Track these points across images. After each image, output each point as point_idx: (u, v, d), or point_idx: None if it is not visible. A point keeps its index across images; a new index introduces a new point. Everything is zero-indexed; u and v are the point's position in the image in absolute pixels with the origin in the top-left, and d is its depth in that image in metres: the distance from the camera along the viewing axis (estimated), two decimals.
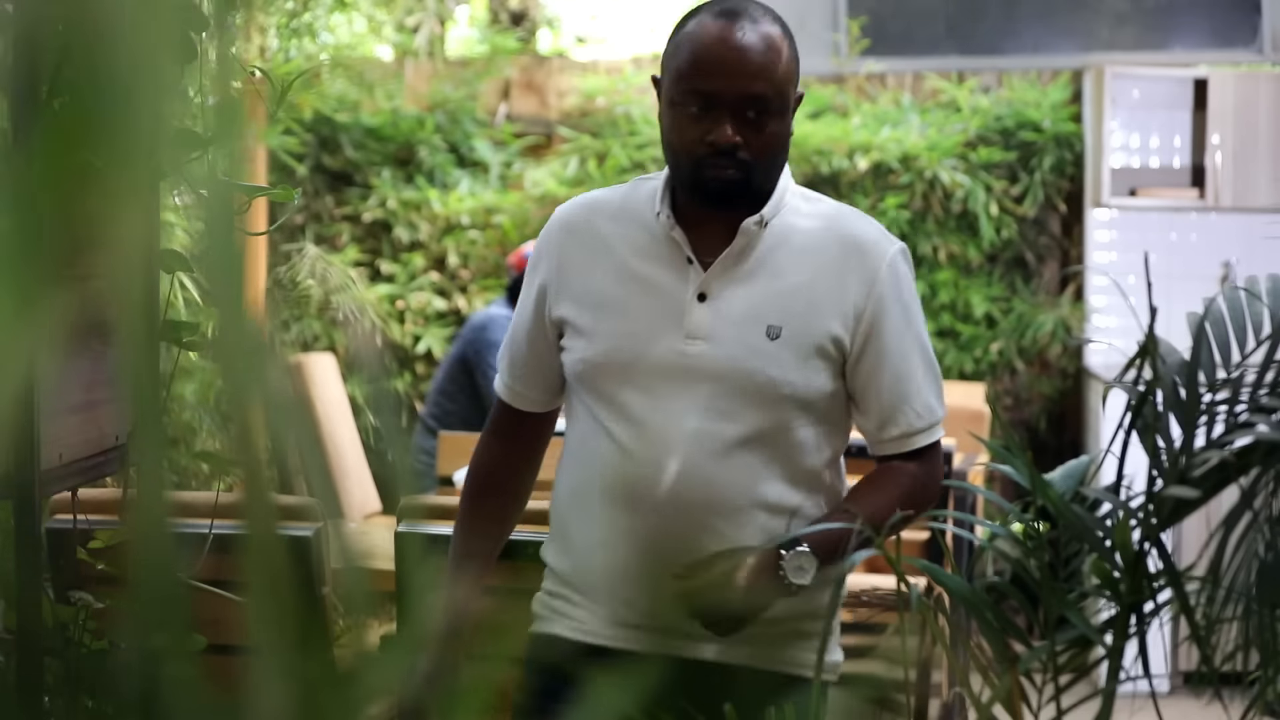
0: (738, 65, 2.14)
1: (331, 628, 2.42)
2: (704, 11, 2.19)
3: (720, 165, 2.16)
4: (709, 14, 2.18)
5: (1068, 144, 6.13)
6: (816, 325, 2.20)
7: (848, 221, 2.27)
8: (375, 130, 6.27)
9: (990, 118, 6.18)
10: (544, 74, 6.55)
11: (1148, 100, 5.98)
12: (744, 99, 2.15)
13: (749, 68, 2.15)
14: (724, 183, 2.17)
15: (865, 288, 2.22)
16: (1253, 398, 1.82)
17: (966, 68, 6.26)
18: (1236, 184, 5.86)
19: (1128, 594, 1.80)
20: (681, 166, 2.18)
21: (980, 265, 6.17)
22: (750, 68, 2.14)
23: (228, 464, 2.00)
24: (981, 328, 6.12)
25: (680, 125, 2.17)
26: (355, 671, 0.66)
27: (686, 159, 2.17)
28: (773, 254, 2.22)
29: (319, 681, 0.64)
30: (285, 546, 0.65)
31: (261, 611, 0.63)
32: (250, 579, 0.63)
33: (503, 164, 6.37)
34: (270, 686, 0.63)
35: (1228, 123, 5.84)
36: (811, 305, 2.21)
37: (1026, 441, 6.22)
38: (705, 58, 2.15)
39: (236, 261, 0.63)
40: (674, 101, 2.17)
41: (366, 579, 0.74)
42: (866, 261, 2.23)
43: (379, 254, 6.25)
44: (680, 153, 2.18)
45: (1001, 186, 6.14)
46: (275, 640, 0.63)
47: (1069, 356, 6.17)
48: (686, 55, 2.17)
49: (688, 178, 2.18)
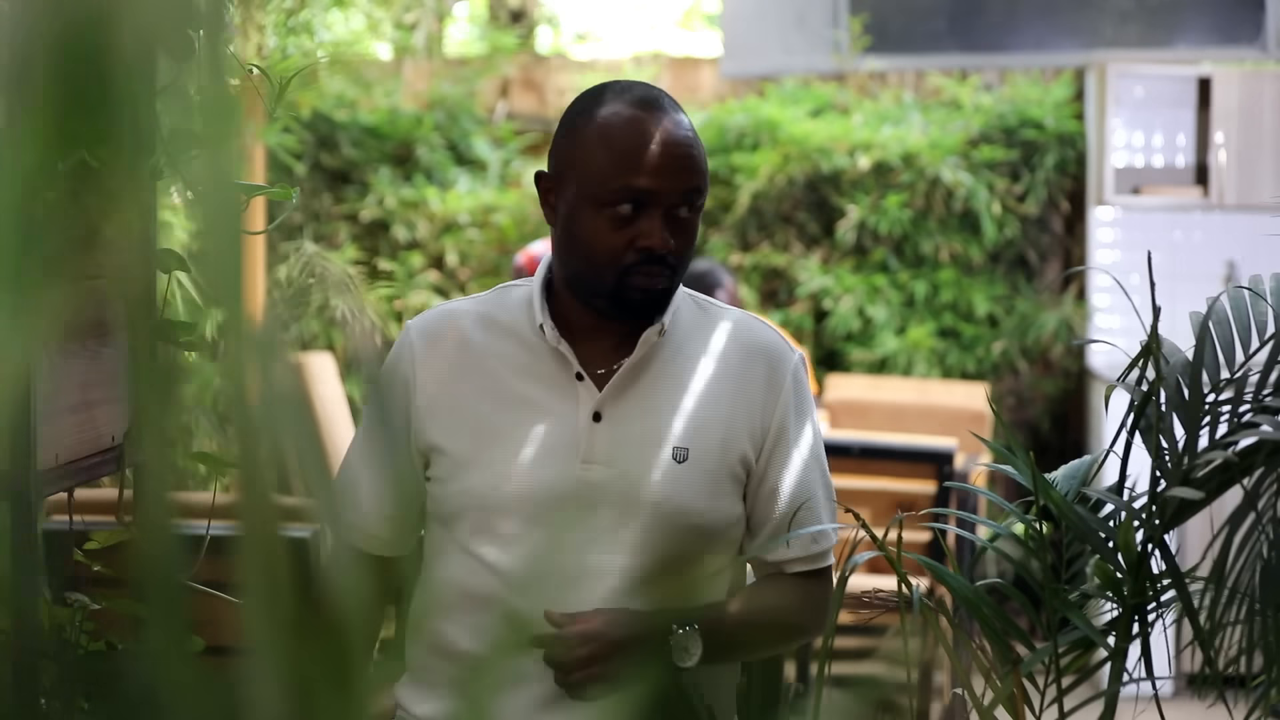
0: (678, 160, 1.93)
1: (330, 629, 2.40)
2: (612, 100, 1.96)
3: (652, 273, 1.93)
4: (622, 103, 1.95)
5: (1070, 142, 6.12)
6: (727, 446, 2.00)
7: (750, 329, 2.07)
8: (374, 128, 6.26)
9: (992, 116, 6.17)
10: (543, 72, 6.54)
11: (1151, 98, 5.97)
12: (683, 195, 1.93)
13: (689, 162, 1.94)
14: (653, 293, 1.94)
15: (773, 402, 2.03)
16: (1256, 397, 1.81)
17: (968, 65, 6.25)
18: (1240, 183, 5.84)
19: (1131, 595, 1.79)
20: (601, 275, 1.93)
21: (982, 264, 6.16)
22: (690, 162, 1.94)
23: (226, 465, 1.99)
24: (984, 327, 6.11)
25: (601, 229, 1.92)
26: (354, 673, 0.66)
27: (609, 267, 1.92)
28: (671, 366, 2.01)
29: (318, 683, 0.64)
30: (285, 547, 0.65)
31: (260, 613, 0.63)
32: (248, 580, 0.63)
33: (501, 162, 6.36)
34: (269, 688, 0.63)
35: (1232, 121, 5.82)
36: (719, 423, 2.00)
37: (1029, 442, 6.20)
38: (640, 152, 1.91)
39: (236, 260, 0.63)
40: (598, 201, 1.92)
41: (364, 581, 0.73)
42: (774, 374, 2.04)
43: (377, 253, 6.25)
44: (600, 259, 1.92)
45: (1004, 185, 6.12)
46: (274, 642, 0.63)
47: (1072, 356, 6.16)
48: (613, 150, 1.92)
49: (609, 288, 1.93)
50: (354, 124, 6.23)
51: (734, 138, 6.21)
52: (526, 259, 5.28)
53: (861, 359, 6.02)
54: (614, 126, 1.93)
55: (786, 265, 6.12)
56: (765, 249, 6.14)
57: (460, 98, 6.37)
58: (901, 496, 4.28)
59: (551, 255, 2.02)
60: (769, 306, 6.16)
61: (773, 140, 6.12)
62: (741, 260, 6.08)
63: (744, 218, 6.12)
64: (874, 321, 6.04)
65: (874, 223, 6.07)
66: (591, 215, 1.92)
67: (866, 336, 6.06)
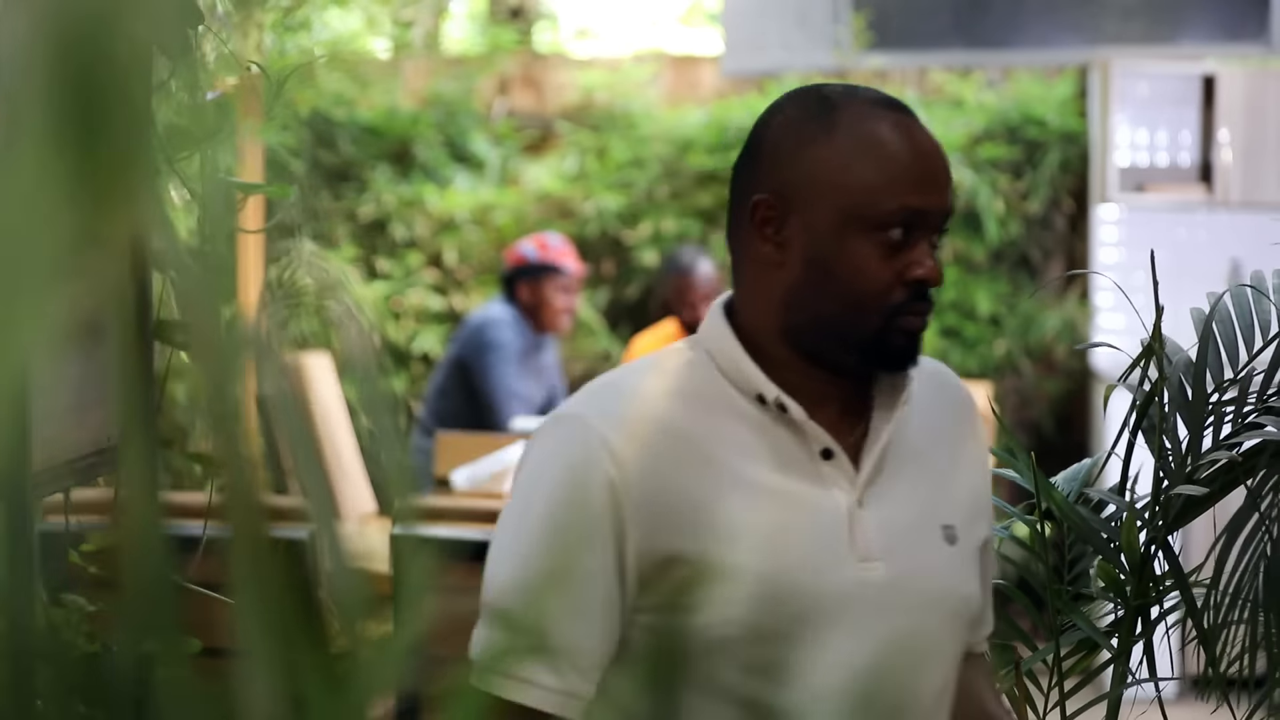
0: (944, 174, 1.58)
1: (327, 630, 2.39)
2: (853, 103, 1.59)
3: (918, 311, 1.57)
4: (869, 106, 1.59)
5: (1074, 140, 6.11)
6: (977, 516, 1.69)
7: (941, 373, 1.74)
8: (372, 126, 6.25)
9: (995, 114, 6.15)
10: (542, 69, 6.52)
11: (1155, 96, 5.94)
12: (944, 217, 1.58)
13: (949, 178, 1.59)
14: (916, 337, 1.58)
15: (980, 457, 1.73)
16: (1260, 397, 1.79)
17: (971, 62, 6.23)
18: (1245, 181, 5.82)
19: (1134, 596, 1.77)
20: (865, 317, 1.56)
21: (985, 263, 6.14)
22: (949, 178, 1.60)
23: (219, 465, 1.97)
24: (986, 326, 6.09)
25: (870, 259, 1.55)
26: (351, 674, 0.65)
27: (877, 306, 1.55)
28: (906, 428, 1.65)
29: (315, 684, 0.64)
30: (278, 548, 0.64)
31: (255, 614, 0.63)
32: (242, 581, 0.63)
33: (500, 160, 6.35)
34: (265, 690, 0.63)
35: (1236, 119, 5.80)
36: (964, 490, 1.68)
37: (1032, 442, 6.18)
38: (913, 164, 1.56)
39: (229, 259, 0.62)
40: (866, 225, 1.55)
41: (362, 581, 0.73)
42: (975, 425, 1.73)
43: (375, 251, 6.23)
44: (868, 298, 1.55)
45: (1007, 183, 6.11)
46: (269, 643, 0.63)
47: (1075, 356, 6.14)
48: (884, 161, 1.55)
49: (871, 333, 1.56)
50: (352, 122, 6.23)
51: (735, 135, 6.19)
52: (509, 252, 5.28)
53: None
54: (878, 134, 1.56)
55: None
56: None
57: (459, 95, 6.36)
58: None
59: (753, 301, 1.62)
60: None
61: None
62: None
63: None
64: None
65: None
66: (858, 243, 1.55)
67: None
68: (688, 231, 6.11)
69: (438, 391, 5.26)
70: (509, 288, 5.23)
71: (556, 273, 5.18)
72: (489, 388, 5.12)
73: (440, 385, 5.26)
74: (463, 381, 5.21)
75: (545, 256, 5.19)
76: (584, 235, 6.16)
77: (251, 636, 0.63)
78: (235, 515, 0.63)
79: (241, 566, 0.63)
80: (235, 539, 0.63)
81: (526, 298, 5.19)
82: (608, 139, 6.29)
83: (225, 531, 0.64)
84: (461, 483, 3.83)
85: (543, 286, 5.18)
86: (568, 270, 5.20)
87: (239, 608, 0.63)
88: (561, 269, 5.18)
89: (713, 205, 6.15)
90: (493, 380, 5.12)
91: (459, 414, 5.20)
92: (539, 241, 5.26)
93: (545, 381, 5.32)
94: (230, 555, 0.63)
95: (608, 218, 6.18)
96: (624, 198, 6.17)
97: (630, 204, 6.19)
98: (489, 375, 5.12)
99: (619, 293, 6.25)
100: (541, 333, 5.26)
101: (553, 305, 5.20)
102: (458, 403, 5.22)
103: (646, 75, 6.40)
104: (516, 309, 5.21)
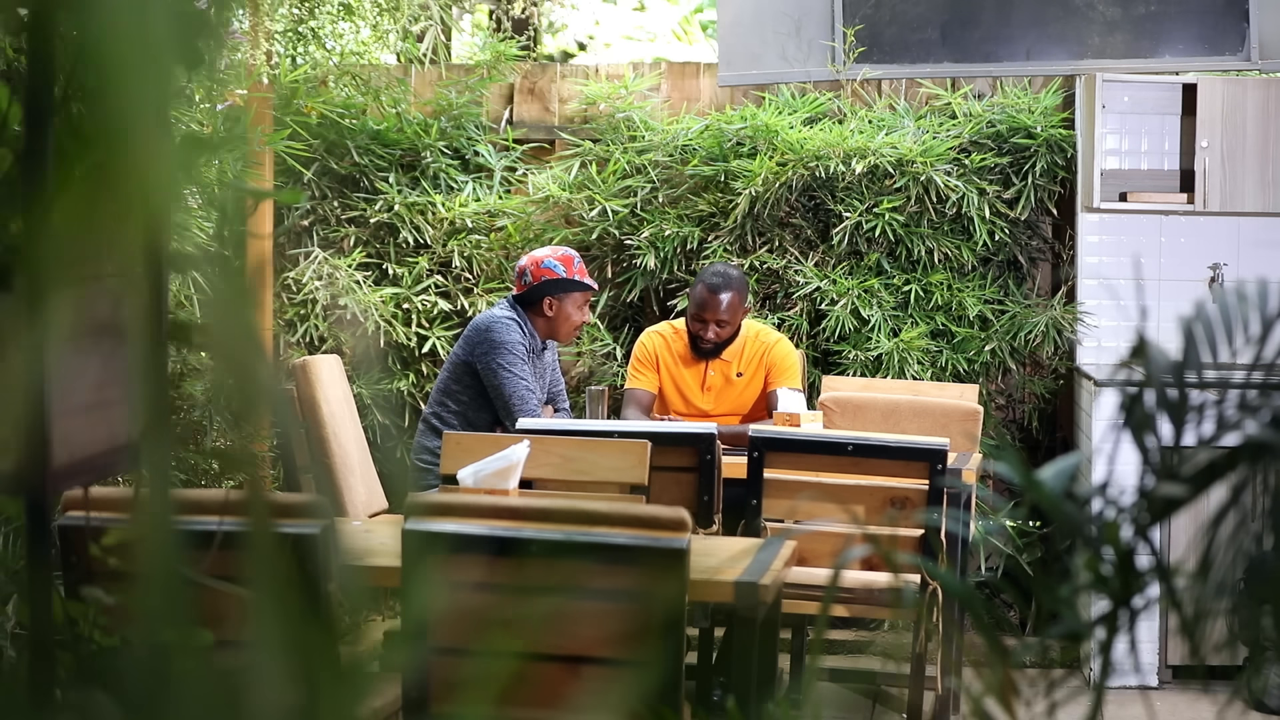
0: None
1: (337, 624, 2.46)
2: None
3: None
4: None
5: (1059, 149, 6.22)
6: None
7: None
8: (381, 135, 6.32)
9: (983, 123, 6.27)
10: (546, 80, 6.62)
11: (1138, 106, 6.08)
12: None
13: None
14: None
15: None
16: (1240, 397, 1.88)
17: (960, 74, 6.34)
18: (1225, 188, 5.95)
19: (1119, 589, 1.86)
20: None
21: (974, 267, 6.26)
22: None
23: (234, 462, 2.03)
24: (975, 329, 6.21)
25: None
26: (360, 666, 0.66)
27: None
28: None
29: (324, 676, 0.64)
30: (286, 544, 0.64)
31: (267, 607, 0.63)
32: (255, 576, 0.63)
33: (506, 168, 6.45)
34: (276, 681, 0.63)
35: (1216, 128, 5.93)
36: None
37: (1019, 440, 6.32)
38: None
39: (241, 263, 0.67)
40: None
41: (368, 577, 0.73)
42: None
43: (385, 257, 6.32)
44: None
45: (995, 190, 6.22)
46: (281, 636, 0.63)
47: (1061, 357, 6.27)
48: None
49: None
50: (362, 131, 6.29)
51: (732, 144, 6.32)
52: (531, 263, 5.37)
53: (856, 359, 6.13)
54: None
55: (783, 268, 6.23)
56: (763, 252, 6.24)
57: (465, 105, 6.44)
58: (895, 493, 4.38)
59: None
60: (766, 309, 6.27)
61: (770, 147, 6.21)
62: (740, 263, 6.19)
63: (742, 222, 6.22)
64: (868, 323, 6.14)
65: (868, 227, 6.18)
66: None
67: (861, 337, 6.16)
68: (687, 236, 6.23)
69: (444, 392, 5.35)
70: (528, 298, 5.35)
71: (582, 290, 5.34)
72: (502, 386, 5.22)
73: (447, 386, 5.35)
74: (469, 382, 5.29)
75: (572, 273, 5.33)
76: (586, 240, 6.29)
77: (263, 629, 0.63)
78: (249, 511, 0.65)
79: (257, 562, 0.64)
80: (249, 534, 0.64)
81: (549, 310, 5.32)
82: (609, 147, 6.39)
83: (240, 527, 0.63)
84: (466, 480, 3.84)
85: (566, 302, 5.33)
86: (591, 288, 5.37)
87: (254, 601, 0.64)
88: (587, 286, 5.35)
89: (711, 211, 6.28)
90: (504, 379, 5.22)
91: (465, 414, 5.29)
92: (564, 258, 5.36)
93: (546, 381, 5.44)
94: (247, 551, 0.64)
95: (609, 223, 6.31)
96: (625, 204, 6.30)
97: (631, 210, 6.31)
98: (500, 374, 5.21)
99: (619, 294, 6.38)
100: (550, 339, 5.40)
101: (572, 320, 5.35)
102: (464, 403, 5.30)
103: (646, 85, 6.52)
104: (526, 315, 5.33)
